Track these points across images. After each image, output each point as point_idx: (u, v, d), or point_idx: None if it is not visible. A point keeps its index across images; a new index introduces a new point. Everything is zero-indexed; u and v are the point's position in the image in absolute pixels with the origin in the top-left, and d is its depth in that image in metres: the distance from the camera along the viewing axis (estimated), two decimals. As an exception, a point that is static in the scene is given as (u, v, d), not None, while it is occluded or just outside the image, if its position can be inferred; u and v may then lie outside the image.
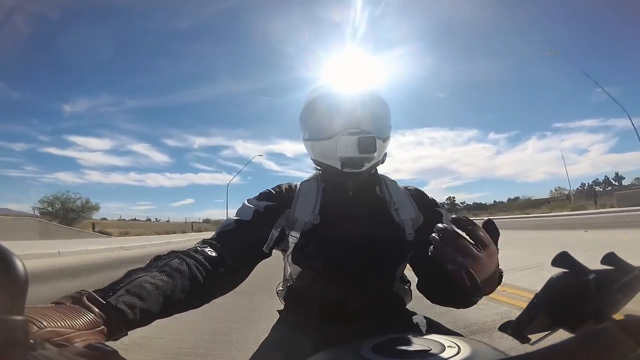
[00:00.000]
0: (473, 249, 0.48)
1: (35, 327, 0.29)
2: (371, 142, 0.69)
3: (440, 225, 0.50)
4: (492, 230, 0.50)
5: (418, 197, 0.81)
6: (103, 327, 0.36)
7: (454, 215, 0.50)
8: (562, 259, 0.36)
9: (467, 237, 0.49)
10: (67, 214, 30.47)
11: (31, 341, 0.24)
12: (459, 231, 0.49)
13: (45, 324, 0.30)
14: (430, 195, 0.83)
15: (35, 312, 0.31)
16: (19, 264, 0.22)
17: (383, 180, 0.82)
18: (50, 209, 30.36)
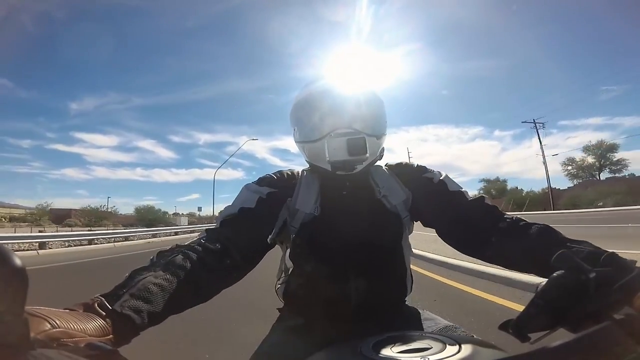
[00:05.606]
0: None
1: (49, 325, 0.30)
2: (361, 144, 0.65)
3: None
4: None
5: (402, 173, 0.77)
6: (111, 334, 0.38)
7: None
8: (562, 258, 0.36)
9: None
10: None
11: (31, 340, 0.24)
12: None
13: (58, 323, 0.31)
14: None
15: (48, 313, 0.32)
16: (18, 262, 0.22)
17: (370, 169, 0.77)
18: None
